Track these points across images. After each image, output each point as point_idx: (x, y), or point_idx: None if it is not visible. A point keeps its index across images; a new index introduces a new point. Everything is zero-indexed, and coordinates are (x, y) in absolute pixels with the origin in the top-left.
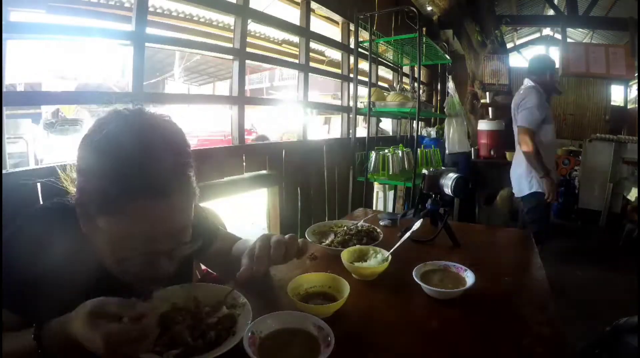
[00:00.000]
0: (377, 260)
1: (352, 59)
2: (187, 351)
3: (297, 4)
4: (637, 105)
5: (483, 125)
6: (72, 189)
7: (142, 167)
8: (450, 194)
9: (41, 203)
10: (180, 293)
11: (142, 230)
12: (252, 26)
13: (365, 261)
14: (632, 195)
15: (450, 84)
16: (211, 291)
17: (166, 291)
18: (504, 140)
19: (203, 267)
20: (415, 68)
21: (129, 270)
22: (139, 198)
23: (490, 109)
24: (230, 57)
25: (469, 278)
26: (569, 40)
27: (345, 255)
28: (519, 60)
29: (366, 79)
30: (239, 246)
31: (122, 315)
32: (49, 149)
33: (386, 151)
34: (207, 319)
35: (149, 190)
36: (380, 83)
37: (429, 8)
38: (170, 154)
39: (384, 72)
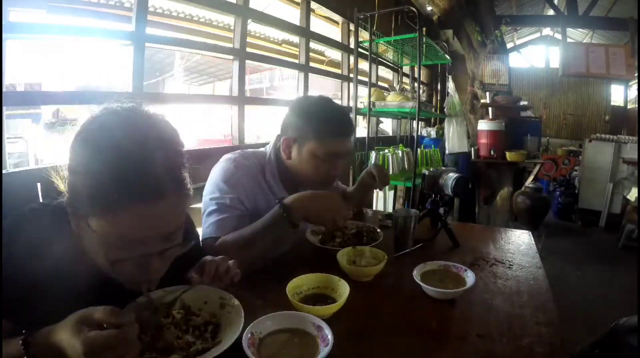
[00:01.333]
0: (373, 261)
1: (352, 59)
2: (186, 355)
3: (297, 4)
4: (637, 105)
5: (483, 125)
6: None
7: (136, 167)
8: (450, 194)
9: (31, 204)
10: (166, 298)
11: (136, 232)
12: (252, 26)
13: (362, 262)
14: (632, 195)
15: (450, 84)
16: (197, 293)
17: (151, 297)
18: (504, 140)
19: None
20: (415, 68)
21: (121, 270)
22: (133, 199)
23: (490, 109)
24: (230, 57)
25: (469, 278)
26: (569, 40)
27: (341, 255)
28: (519, 60)
29: (366, 79)
30: None
31: (104, 322)
32: (49, 149)
33: (386, 151)
34: (197, 321)
35: (143, 192)
36: (380, 83)
37: (429, 8)
38: (165, 154)
39: (384, 72)
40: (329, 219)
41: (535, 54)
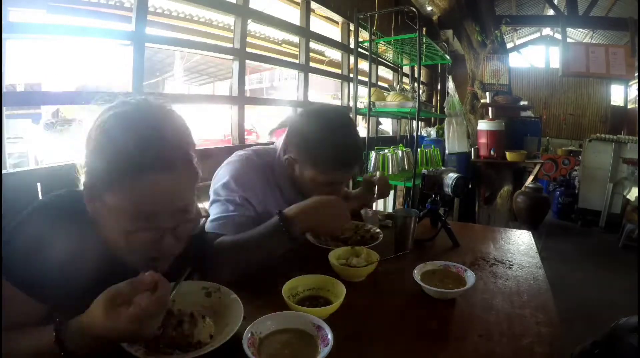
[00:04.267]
0: (364, 262)
1: (352, 59)
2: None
3: (297, 4)
4: (637, 105)
5: (483, 125)
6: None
7: (148, 143)
8: (450, 194)
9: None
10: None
11: (147, 205)
12: (252, 26)
13: (353, 262)
14: (632, 195)
15: (450, 84)
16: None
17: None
18: (504, 140)
19: None
20: (415, 68)
21: (135, 249)
22: (144, 172)
23: (490, 109)
24: (230, 57)
25: (469, 278)
26: (569, 40)
27: (334, 255)
28: (519, 60)
29: (366, 79)
30: None
31: (134, 293)
32: (49, 149)
33: (386, 151)
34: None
35: (154, 165)
36: (380, 83)
37: (429, 8)
38: (174, 132)
39: (384, 72)
40: (334, 228)
41: (535, 54)
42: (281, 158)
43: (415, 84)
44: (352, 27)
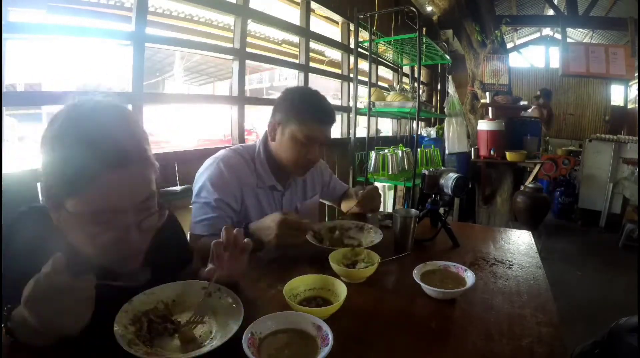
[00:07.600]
0: (363, 264)
1: (352, 59)
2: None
3: (297, 4)
4: (637, 105)
5: (483, 125)
6: None
7: (99, 142)
8: (450, 194)
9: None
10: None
11: (107, 203)
12: (252, 26)
13: (357, 263)
14: (632, 195)
15: (450, 84)
16: (176, 290)
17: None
18: (504, 140)
19: None
20: (415, 68)
21: (104, 251)
22: (98, 171)
23: (490, 109)
24: (230, 57)
25: (469, 278)
26: (569, 40)
27: (334, 256)
28: (519, 60)
29: (366, 79)
30: None
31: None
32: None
33: (386, 151)
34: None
35: (107, 162)
36: (380, 83)
37: (429, 8)
38: (125, 127)
39: (384, 72)
40: (274, 241)
41: (535, 54)
42: (260, 149)
43: (415, 84)
44: (352, 27)
